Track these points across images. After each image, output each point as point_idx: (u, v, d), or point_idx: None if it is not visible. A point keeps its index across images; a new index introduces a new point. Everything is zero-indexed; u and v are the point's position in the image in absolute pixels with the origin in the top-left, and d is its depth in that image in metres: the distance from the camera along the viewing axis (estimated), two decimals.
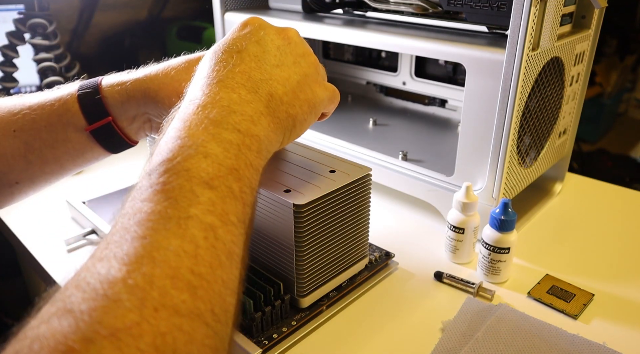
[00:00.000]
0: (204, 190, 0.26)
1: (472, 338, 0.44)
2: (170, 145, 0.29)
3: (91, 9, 1.00)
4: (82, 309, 0.20)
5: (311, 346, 0.44)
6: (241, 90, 0.33)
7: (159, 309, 0.21)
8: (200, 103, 0.32)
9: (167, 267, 0.23)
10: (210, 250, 0.25)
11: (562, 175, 0.70)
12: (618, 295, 0.51)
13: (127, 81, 0.45)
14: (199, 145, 0.28)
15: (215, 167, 0.28)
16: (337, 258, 0.47)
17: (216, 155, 0.28)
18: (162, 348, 0.20)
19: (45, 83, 0.81)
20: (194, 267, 0.23)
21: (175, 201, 0.25)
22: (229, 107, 0.32)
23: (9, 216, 0.65)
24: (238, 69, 0.34)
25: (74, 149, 0.46)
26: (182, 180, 0.26)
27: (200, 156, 0.28)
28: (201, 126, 0.30)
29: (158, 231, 0.24)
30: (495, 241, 0.51)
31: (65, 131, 0.44)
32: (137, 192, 0.27)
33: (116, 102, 0.45)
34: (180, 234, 0.24)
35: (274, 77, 0.36)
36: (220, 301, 0.24)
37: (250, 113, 0.32)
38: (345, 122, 0.80)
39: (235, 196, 0.28)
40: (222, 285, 0.25)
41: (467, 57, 0.53)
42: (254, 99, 0.34)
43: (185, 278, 0.23)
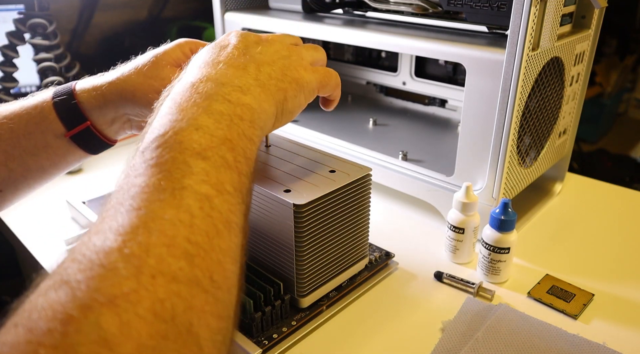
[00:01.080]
0: (197, 161, 0.26)
1: (472, 338, 0.44)
2: (162, 121, 0.29)
3: (91, 9, 1.00)
4: (79, 279, 0.20)
5: (311, 346, 0.44)
6: (228, 69, 0.34)
7: (156, 276, 0.21)
8: (189, 81, 0.32)
9: (163, 236, 0.22)
10: (206, 219, 0.25)
11: (562, 175, 0.70)
12: (618, 295, 0.51)
13: (101, 85, 0.45)
14: (189, 119, 0.28)
15: (207, 138, 0.28)
16: (337, 258, 0.47)
17: (207, 126, 0.28)
18: (161, 313, 0.20)
19: (45, 83, 0.81)
20: (190, 236, 0.23)
21: (169, 173, 0.25)
22: (218, 80, 0.32)
23: (9, 216, 0.65)
24: (225, 53, 0.36)
25: (55, 154, 0.46)
26: (175, 153, 0.26)
27: (191, 128, 0.28)
28: (191, 100, 0.30)
29: (153, 202, 0.24)
30: (495, 241, 0.51)
31: (45, 138, 0.45)
32: (130, 169, 0.27)
33: (93, 107, 0.45)
34: (175, 204, 0.24)
35: (260, 59, 0.37)
36: (219, 269, 0.24)
37: (239, 85, 0.33)
38: (345, 122, 0.80)
39: (229, 166, 0.28)
40: (220, 253, 0.24)
41: (467, 57, 0.53)
42: (242, 74, 0.34)
43: (181, 246, 0.23)
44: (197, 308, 0.22)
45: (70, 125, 0.45)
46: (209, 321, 0.22)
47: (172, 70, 0.45)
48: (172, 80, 0.36)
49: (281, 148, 0.51)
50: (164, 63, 0.46)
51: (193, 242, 0.23)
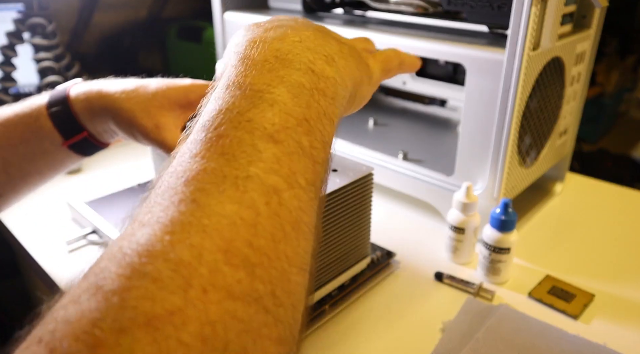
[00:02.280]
0: (268, 145, 0.22)
1: (473, 338, 0.44)
2: (229, 91, 0.24)
3: (91, 8, 1.00)
4: (115, 289, 0.17)
5: (313, 345, 0.44)
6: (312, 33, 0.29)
7: (208, 291, 0.17)
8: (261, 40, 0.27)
9: (219, 238, 0.19)
10: (273, 219, 0.21)
11: (562, 175, 0.70)
12: (619, 295, 0.51)
13: (92, 95, 0.44)
14: (264, 91, 0.24)
15: (282, 117, 0.23)
16: (339, 257, 0.47)
17: (284, 102, 0.24)
18: (210, 339, 0.17)
19: (44, 83, 0.81)
20: (253, 239, 0.19)
21: (233, 157, 0.21)
22: (302, 43, 0.27)
23: (8, 217, 0.65)
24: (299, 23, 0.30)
25: (53, 159, 0.46)
26: (243, 133, 0.22)
27: (265, 104, 0.23)
28: (267, 65, 0.25)
29: (210, 194, 0.20)
30: (495, 242, 0.50)
31: (42, 145, 0.45)
32: (187, 146, 0.23)
33: (86, 118, 0.45)
34: (237, 198, 0.20)
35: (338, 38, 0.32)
36: (283, 282, 0.20)
37: (324, 53, 0.28)
38: (345, 122, 0.80)
39: (304, 153, 0.23)
40: (286, 262, 0.20)
41: (467, 57, 0.53)
42: (326, 43, 0.29)
43: (241, 252, 0.19)
44: (253, 332, 0.18)
45: (67, 134, 0.45)
46: (266, 347, 0.19)
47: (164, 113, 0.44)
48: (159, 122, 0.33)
49: None
50: (163, 101, 0.44)
51: (255, 247, 0.19)
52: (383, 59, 0.38)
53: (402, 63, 0.41)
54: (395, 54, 0.40)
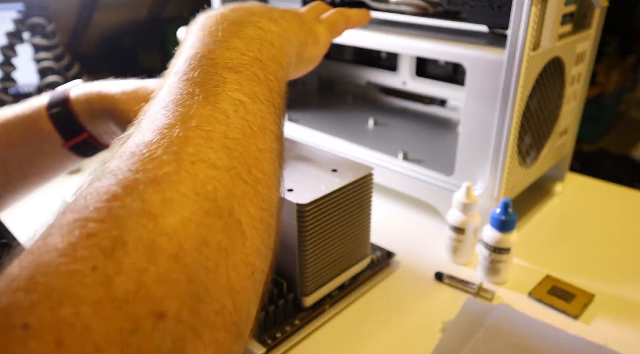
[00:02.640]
0: (230, 74, 0.27)
1: (473, 338, 0.44)
2: (193, 44, 0.30)
3: (91, 8, 1.00)
4: (120, 166, 0.21)
5: (314, 345, 0.44)
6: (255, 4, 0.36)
7: (196, 163, 0.21)
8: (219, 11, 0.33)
9: (200, 130, 0.23)
10: (242, 121, 0.25)
11: (562, 175, 0.70)
12: (619, 295, 0.51)
13: (92, 97, 0.45)
14: (221, 41, 0.29)
15: (238, 56, 0.29)
16: (340, 257, 0.47)
17: (238, 47, 0.29)
18: (202, 193, 0.21)
19: (44, 83, 0.81)
20: (227, 131, 0.24)
21: (202, 83, 0.26)
22: (247, 10, 0.34)
23: (7, 216, 0.65)
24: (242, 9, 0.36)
25: (53, 161, 0.46)
26: (207, 67, 0.27)
27: (223, 48, 0.29)
28: (222, 26, 0.31)
29: (189, 105, 0.24)
30: (495, 242, 0.50)
31: (42, 147, 0.45)
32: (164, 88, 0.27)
33: (86, 119, 0.45)
34: (211, 107, 0.25)
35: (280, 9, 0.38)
36: (257, 164, 0.24)
37: (268, 16, 0.34)
38: (345, 122, 0.80)
39: (260, 81, 0.28)
40: (257, 151, 0.25)
41: (467, 57, 0.53)
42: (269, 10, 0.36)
43: (219, 140, 0.23)
44: (237, 196, 0.22)
45: (68, 136, 0.45)
46: (250, 210, 0.23)
47: None
48: None
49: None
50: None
51: (230, 138, 0.24)
52: (327, 21, 0.44)
53: (348, 20, 0.46)
54: (339, 13, 0.45)
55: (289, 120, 0.79)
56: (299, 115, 0.81)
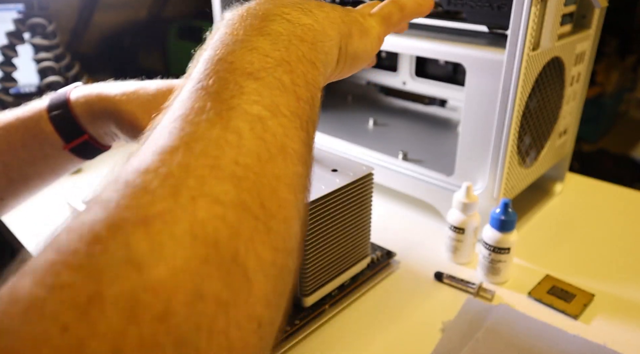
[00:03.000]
0: (249, 81, 0.24)
1: (472, 338, 0.44)
2: (212, 43, 0.27)
3: (91, 8, 1.00)
4: (110, 198, 0.18)
5: (314, 345, 0.44)
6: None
7: (197, 198, 0.19)
8: (244, 6, 0.29)
9: (205, 156, 0.20)
10: (258, 141, 0.22)
11: (562, 175, 0.70)
12: (618, 295, 0.51)
13: (93, 98, 0.44)
14: (243, 41, 0.26)
15: (261, 59, 0.25)
16: (340, 257, 0.47)
17: (262, 47, 0.26)
18: (200, 236, 0.18)
19: (45, 83, 0.81)
20: (238, 157, 0.21)
21: (217, 94, 0.23)
22: (277, 2, 0.29)
23: (9, 217, 0.65)
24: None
25: (54, 163, 0.46)
26: (224, 73, 0.24)
27: (244, 49, 0.25)
28: (245, 22, 0.27)
29: (197, 123, 0.21)
30: (495, 242, 0.50)
31: (43, 149, 0.44)
32: (177, 96, 0.25)
33: (86, 121, 0.45)
34: (223, 125, 0.21)
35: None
36: (271, 195, 0.21)
37: (300, 6, 0.30)
38: (345, 122, 0.80)
39: (286, 89, 0.25)
40: (273, 179, 0.21)
41: (467, 57, 0.53)
42: (303, 1, 0.31)
43: (227, 168, 0.20)
44: (244, 236, 0.19)
45: (68, 138, 0.44)
46: (259, 251, 0.20)
47: None
48: None
49: None
50: (163, 102, 0.45)
51: (241, 164, 0.20)
52: (380, 13, 0.38)
53: (403, 9, 0.40)
54: (392, 3, 0.40)
55: None
56: None
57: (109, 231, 0.17)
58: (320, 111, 0.30)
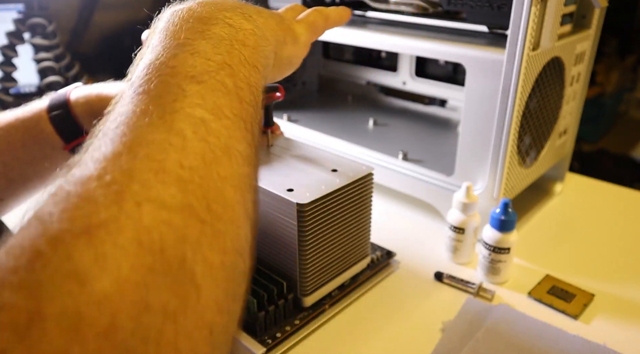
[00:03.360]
0: (191, 85, 0.23)
1: (472, 338, 0.44)
2: (153, 46, 0.26)
3: (91, 8, 1.00)
4: (52, 212, 0.17)
5: (314, 345, 0.44)
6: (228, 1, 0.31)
7: (141, 204, 0.18)
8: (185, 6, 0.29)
9: (149, 160, 0.19)
10: (202, 143, 0.21)
11: (562, 175, 0.70)
12: (618, 295, 0.51)
13: (92, 97, 0.44)
14: (184, 44, 0.25)
15: (203, 62, 0.25)
16: (340, 257, 0.47)
17: (204, 51, 0.25)
18: (147, 244, 0.17)
19: (45, 83, 0.81)
20: (183, 160, 0.20)
21: (159, 97, 0.22)
22: (218, 4, 0.29)
23: (8, 217, 0.65)
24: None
25: (54, 164, 0.46)
26: (166, 77, 0.24)
27: (186, 54, 0.25)
28: (187, 24, 0.27)
29: (140, 127, 0.21)
30: (495, 242, 0.50)
31: (42, 150, 0.44)
32: (118, 101, 0.24)
33: (86, 121, 0.45)
34: (166, 128, 0.21)
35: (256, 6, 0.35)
36: (218, 197, 0.21)
37: (241, 12, 0.30)
38: (345, 122, 0.80)
39: (229, 91, 0.25)
40: (219, 180, 0.21)
41: (467, 57, 0.53)
42: (243, 5, 0.32)
43: (172, 171, 0.20)
44: (191, 240, 0.19)
45: (68, 138, 0.44)
46: (207, 255, 0.19)
47: None
48: None
49: (283, 147, 0.51)
50: None
51: (186, 167, 0.20)
52: (306, 20, 0.40)
53: (328, 18, 0.42)
54: (317, 12, 0.42)
55: (289, 120, 0.79)
56: (299, 115, 0.81)
57: (50, 245, 0.16)
58: (320, 111, 0.30)
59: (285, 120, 0.79)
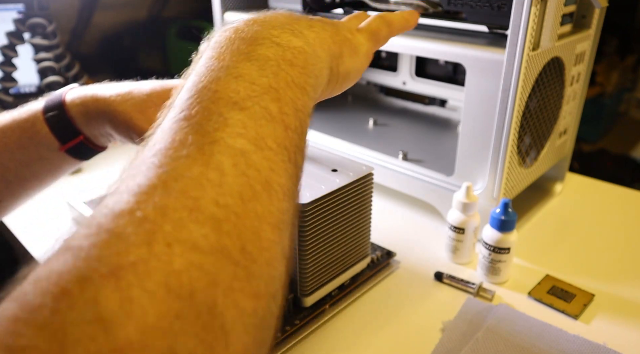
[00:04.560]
0: (233, 112, 0.22)
1: (472, 338, 0.44)
2: (198, 68, 0.25)
3: (91, 8, 1.00)
4: (82, 246, 0.17)
5: (314, 345, 0.44)
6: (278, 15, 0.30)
7: (172, 245, 0.17)
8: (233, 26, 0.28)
9: (184, 197, 0.19)
10: (240, 178, 0.21)
11: (562, 175, 0.70)
12: (618, 295, 0.51)
13: (88, 99, 0.44)
14: (228, 66, 0.25)
15: (247, 86, 0.24)
16: (340, 257, 0.47)
17: (249, 74, 0.24)
18: (175, 289, 0.17)
19: (45, 83, 0.81)
20: (219, 197, 0.19)
21: (199, 125, 0.22)
22: (266, 22, 0.28)
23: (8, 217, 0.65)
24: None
25: (51, 165, 0.46)
26: (208, 103, 0.23)
27: (229, 77, 0.24)
28: (233, 46, 0.26)
29: (177, 159, 0.20)
30: (495, 242, 0.50)
31: (39, 151, 0.44)
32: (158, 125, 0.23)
33: (81, 122, 0.45)
34: (204, 161, 0.20)
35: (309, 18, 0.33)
36: (254, 238, 0.20)
37: (290, 28, 0.29)
38: (345, 122, 0.80)
39: (273, 118, 0.23)
40: (256, 219, 0.20)
41: (467, 57, 0.53)
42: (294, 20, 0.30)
43: (207, 210, 0.19)
44: (223, 284, 0.18)
45: (64, 139, 0.44)
46: (239, 301, 0.18)
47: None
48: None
49: None
50: (158, 102, 0.43)
51: (222, 205, 0.19)
52: (368, 29, 0.38)
53: (391, 25, 0.40)
54: (380, 19, 0.39)
55: None
56: None
57: (78, 284, 0.16)
58: (319, 111, 0.29)
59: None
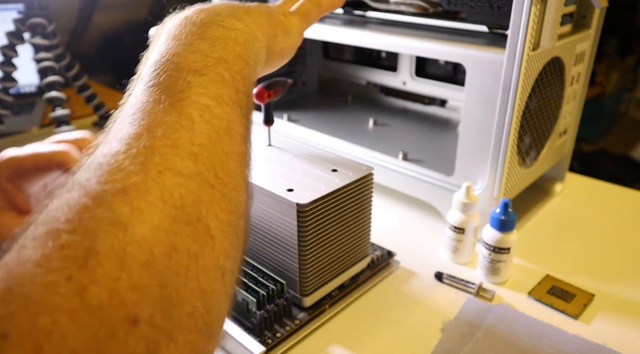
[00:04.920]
0: (195, 77, 0.28)
1: (472, 338, 0.44)
2: (157, 47, 0.30)
3: (91, 8, 1.00)
4: (89, 178, 0.21)
5: (314, 345, 0.44)
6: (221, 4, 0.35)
7: (163, 172, 0.22)
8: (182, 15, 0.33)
9: (166, 139, 0.24)
10: (207, 125, 0.26)
11: (562, 175, 0.70)
12: (619, 295, 0.51)
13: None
14: (185, 44, 0.30)
15: (202, 59, 0.29)
16: (340, 257, 0.47)
17: (203, 49, 0.30)
18: (170, 201, 0.21)
19: (45, 83, 0.81)
20: (193, 138, 0.24)
21: (168, 88, 0.27)
22: (211, 11, 0.33)
23: None
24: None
25: None
26: (172, 72, 0.28)
27: (187, 52, 0.29)
28: (185, 29, 0.31)
29: (155, 113, 0.25)
30: (495, 242, 0.50)
31: None
32: (131, 94, 0.28)
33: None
34: (177, 113, 0.25)
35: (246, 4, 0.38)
36: (223, 167, 0.25)
37: (232, 13, 0.34)
38: (345, 122, 0.80)
39: (226, 83, 0.29)
40: (223, 155, 0.26)
41: (467, 57, 0.53)
42: (234, 7, 0.35)
43: (185, 147, 0.24)
44: (204, 201, 0.23)
45: None
46: (217, 213, 0.23)
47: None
48: None
49: (283, 147, 0.51)
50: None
51: (196, 144, 0.24)
52: (299, 10, 0.44)
53: (320, 6, 0.45)
54: (309, 1, 0.45)
55: (289, 120, 0.79)
56: (299, 115, 0.81)
57: (94, 201, 0.20)
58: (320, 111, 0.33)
59: (285, 120, 0.79)
